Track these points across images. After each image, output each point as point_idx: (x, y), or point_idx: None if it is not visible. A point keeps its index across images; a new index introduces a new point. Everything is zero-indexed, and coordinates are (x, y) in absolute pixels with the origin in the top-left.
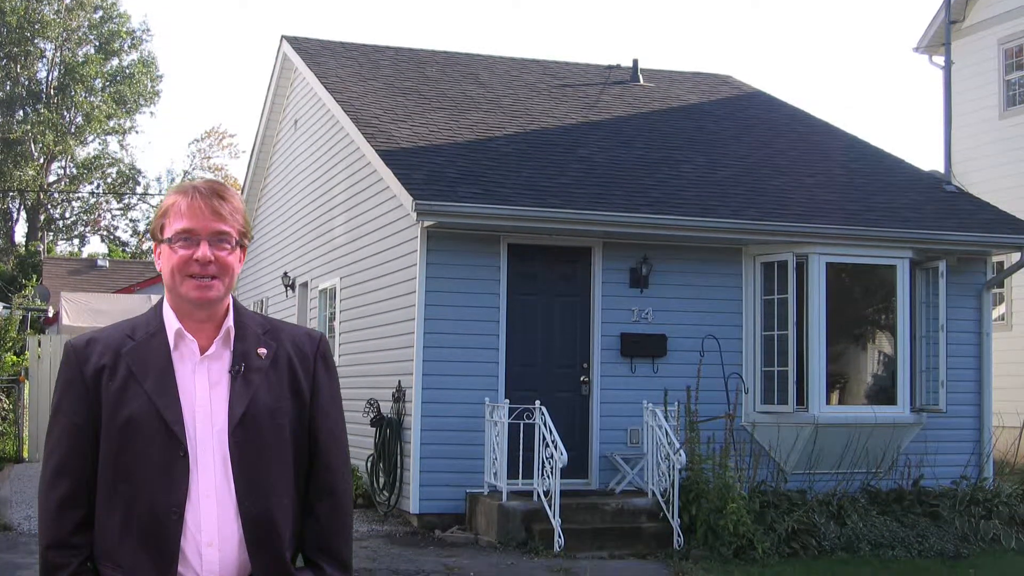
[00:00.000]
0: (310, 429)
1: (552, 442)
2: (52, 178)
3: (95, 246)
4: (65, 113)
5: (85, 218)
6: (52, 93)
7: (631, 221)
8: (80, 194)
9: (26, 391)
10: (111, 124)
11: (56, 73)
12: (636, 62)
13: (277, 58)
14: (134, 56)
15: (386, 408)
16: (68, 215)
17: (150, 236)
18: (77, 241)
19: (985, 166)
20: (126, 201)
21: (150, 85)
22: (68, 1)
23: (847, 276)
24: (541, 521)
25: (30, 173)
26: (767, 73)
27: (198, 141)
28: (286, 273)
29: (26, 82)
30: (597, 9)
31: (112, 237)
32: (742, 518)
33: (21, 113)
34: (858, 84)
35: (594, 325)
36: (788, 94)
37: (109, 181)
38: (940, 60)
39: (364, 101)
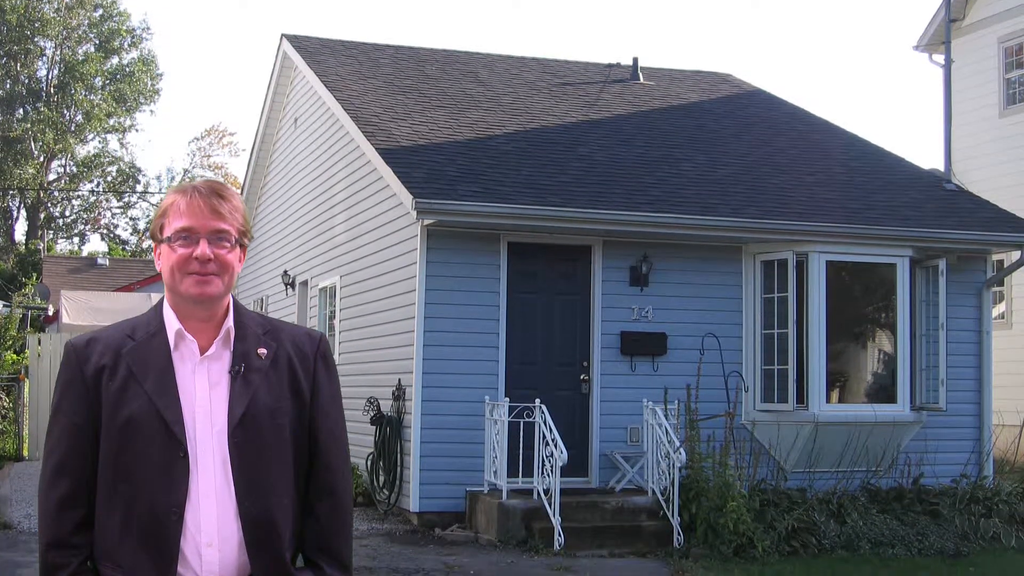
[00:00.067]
0: (310, 429)
1: (552, 440)
2: (52, 176)
3: (95, 244)
4: (65, 111)
5: (85, 216)
6: (52, 91)
7: (631, 219)
8: (80, 192)
9: (26, 389)
10: (111, 122)
11: (56, 71)
12: (636, 60)
13: (277, 56)
14: (134, 54)
15: (386, 406)
16: (68, 213)
17: (150, 236)
18: (77, 239)
19: (985, 164)
20: (126, 199)
21: (150, 83)
22: None
23: (847, 274)
24: (541, 519)
25: (30, 171)
26: (767, 71)
27: (198, 139)
28: (286, 272)
29: (26, 80)
30: (597, 8)
31: (112, 235)
32: (742, 516)
33: (21, 111)
34: (858, 82)
35: (594, 323)
36: (788, 92)
37: (109, 179)
38: (940, 58)
39: (364, 99)
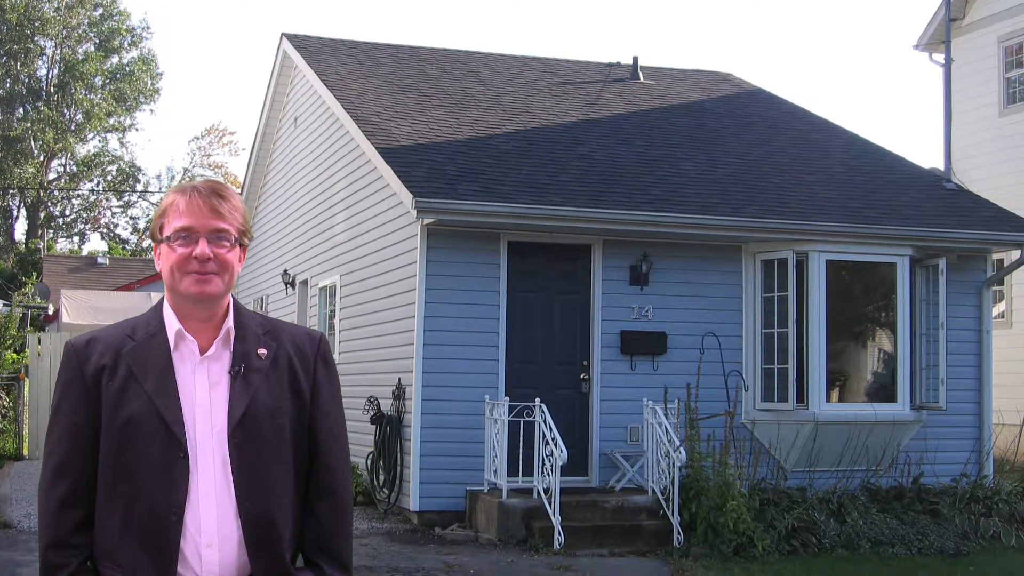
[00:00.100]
0: (310, 429)
1: (552, 439)
2: (52, 176)
3: (95, 244)
4: (65, 111)
5: (85, 216)
6: (52, 91)
7: (631, 219)
8: (80, 192)
9: (26, 389)
10: (111, 122)
11: (56, 70)
12: (636, 60)
13: (277, 56)
14: (134, 54)
15: (386, 406)
16: (68, 213)
17: (150, 236)
18: (77, 239)
19: (985, 164)
20: (126, 199)
21: (150, 83)
22: None
23: (847, 274)
24: (541, 519)
25: (30, 171)
26: (767, 71)
27: (198, 139)
28: (286, 271)
29: (26, 79)
30: (597, 7)
31: (112, 235)
32: (742, 516)
33: (21, 111)
34: (858, 81)
35: (594, 323)
36: (788, 92)
37: (109, 179)
38: (940, 57)
39: (364, 99)
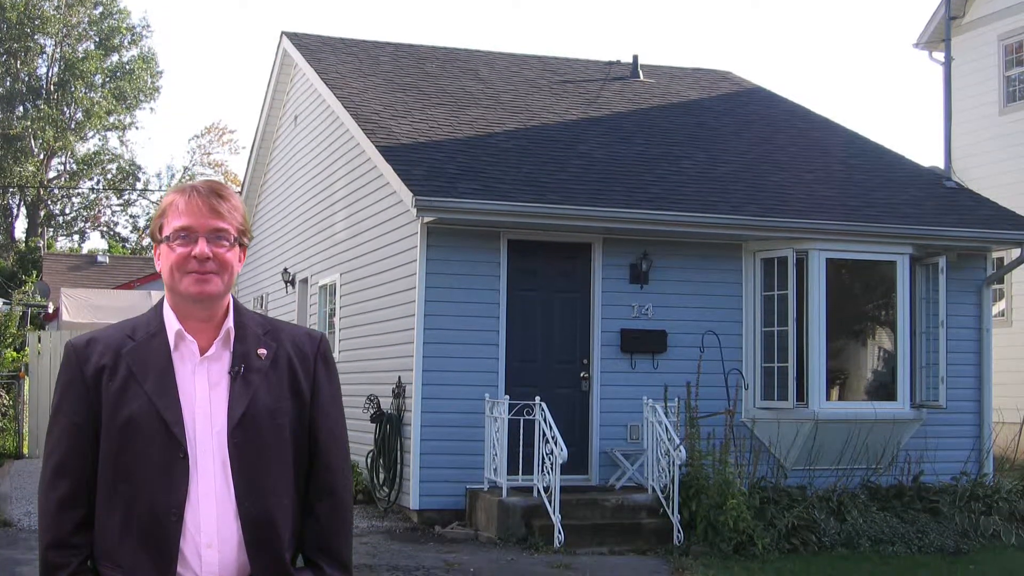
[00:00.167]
0: (310, 429)
1: (552, 438)
2: (52, 174)
3: (95, 242)
4: (65, 109)
5: (85, 214)
6: (52, 89)
7: (631, 217)
8: (80, 190)
9: (26, 387)
10: (111, 120)
11: (56, 69)
12: (636, 58)
13: (277, 54)
14: (134, 52)
15: (386, 404)
16: (68, 211)
17: (149, 236)
18: (77, 237)
19: (985, 162)
20: (126, 197)
21: (150, 81)
22: None
23: (847, 272)
24: (541, 517)
25: (30, 169)
26: (767, 69)
27: (198, 137)
28: (286, 269)
29: (26, 78)
30: (597, 5)
31: (112, 233)
32: (742, 514)
33: (21, 109)
34: (858, 80)
35: (594, 321)
36: (788, 90)
37: (109, 177)
38: (940, 56)
39: (364, 97)
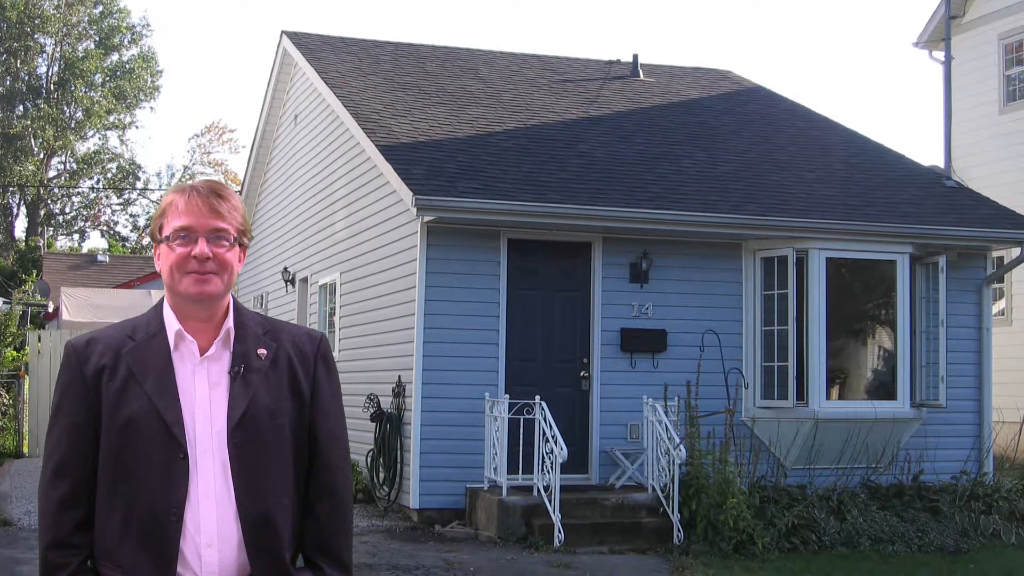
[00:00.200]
0: (310, 429)
1: (552, 437)
2: (52, 173)
3: (95, 241)
4: (65, 108)
5: (85, 213)
6: (52, 88)
7: (631, 216)
8: (80, 189)
9: (26, 386)
10: (111, 119)
11: (56, 68)
12: (636, 57)
13: (277, 53)
14: (134, 51)
15: (386, 403)
16: (68, 210)
17: (149, 236)
18: (77, 236)
19: (985, 161)
20: (126, 196)
21: (150, 80)
22: None
23: (847, 271)
24: (541, 516)
25: (30, 168)
26: (767, 68)
27: (198, 136)
28: (286, 268)
29: (26, 77)
30: (597, 5)
31: (112, 232)
32: (742, 513)
33: (21, 108)
34: (858, 79)
35: (594, 320)
36: (788, 89)
37: (109, 176)
38: (940, 55)
39: (364, 96)
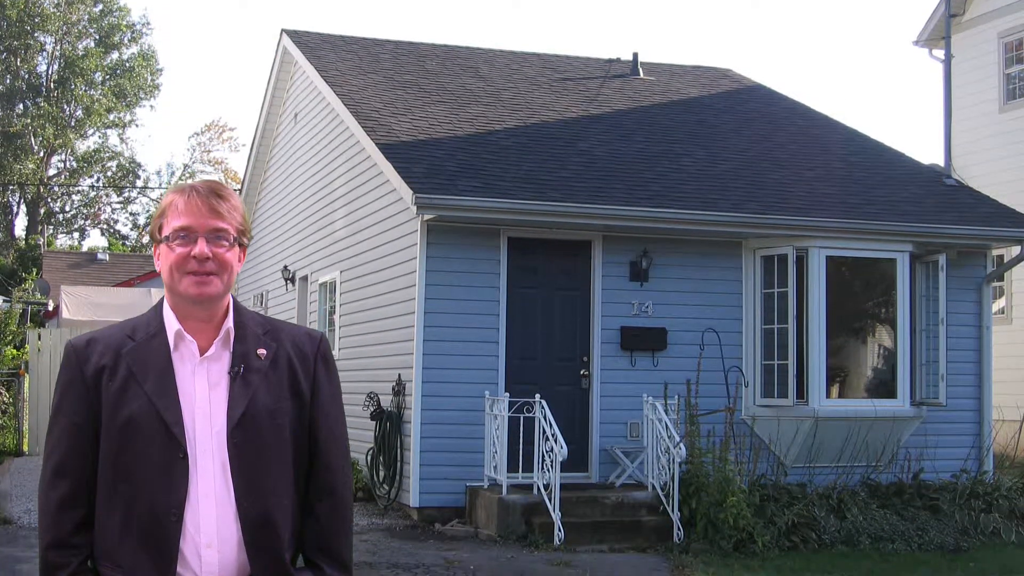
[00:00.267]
0: (310, 429)
1: (552, 435)
2: (52, 172)
3: (95, 240)
4: (65, 107)
5: (85, 212)
6: (52, 87)
7: (631, 215)
8: (80, 188)
9: (26, 385)
10: (111, 118)
11: (56, 67)
12: (636, 56)
13: (277, 52)
14: (134, 50)
15: (386, 401)
16: (68, 209)
17: (149, 236)
18: (77, 235)
19: (985, 160)
20: (126, 195)
21: (150, 79)
22: None
23: (847, 270)
24: (541, 514)
25: (30, 167)
26: (767, 67)
27: (198, 135)
28: (286, 267)
29: (26, 75)
30: (597, 3)
31: (112, 231)
32: (742, 511)
33: (21, 107)
34: (858, 77)
35: (594, 318)
36: (788, 88)
37: (109, 175)
38: (940, 54)
39: (364, 95)
